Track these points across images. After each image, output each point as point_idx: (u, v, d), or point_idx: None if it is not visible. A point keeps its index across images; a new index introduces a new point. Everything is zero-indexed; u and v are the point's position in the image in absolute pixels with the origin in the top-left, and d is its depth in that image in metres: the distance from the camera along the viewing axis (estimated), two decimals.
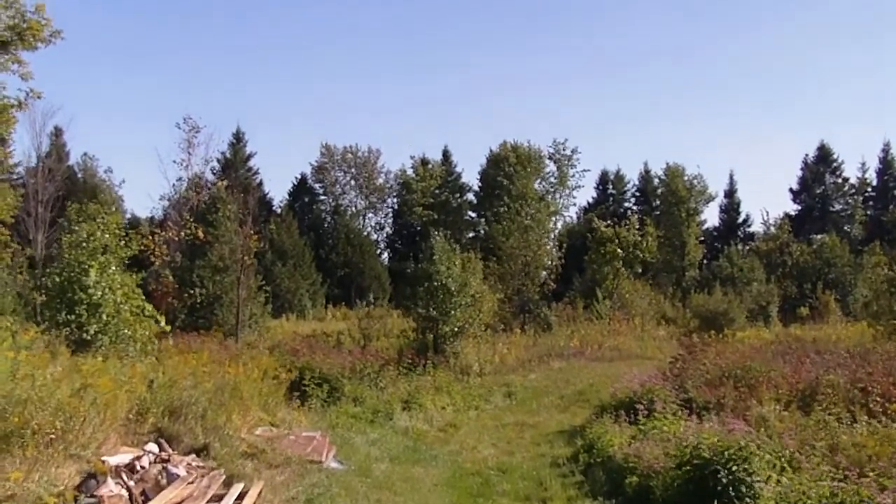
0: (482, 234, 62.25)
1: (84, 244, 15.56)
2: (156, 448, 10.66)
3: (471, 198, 67.22)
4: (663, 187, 61.67)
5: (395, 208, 69.42)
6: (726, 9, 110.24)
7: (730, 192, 67.45)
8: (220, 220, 32.55)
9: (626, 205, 69.72)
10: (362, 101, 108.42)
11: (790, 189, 66.99)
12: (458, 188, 67.57)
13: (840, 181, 65.69)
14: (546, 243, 44.96)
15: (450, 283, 25.07)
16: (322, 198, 69.18)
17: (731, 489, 9.45)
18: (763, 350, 22.24)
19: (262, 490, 10.35)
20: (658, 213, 61.16)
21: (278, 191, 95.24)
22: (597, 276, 43.43)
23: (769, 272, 48.90)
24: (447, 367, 23.84)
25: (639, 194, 69.94)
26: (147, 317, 16.14)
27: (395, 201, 69.26)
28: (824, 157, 65.83)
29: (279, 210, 62.11)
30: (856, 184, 65.32)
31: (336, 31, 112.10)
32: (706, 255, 60.33)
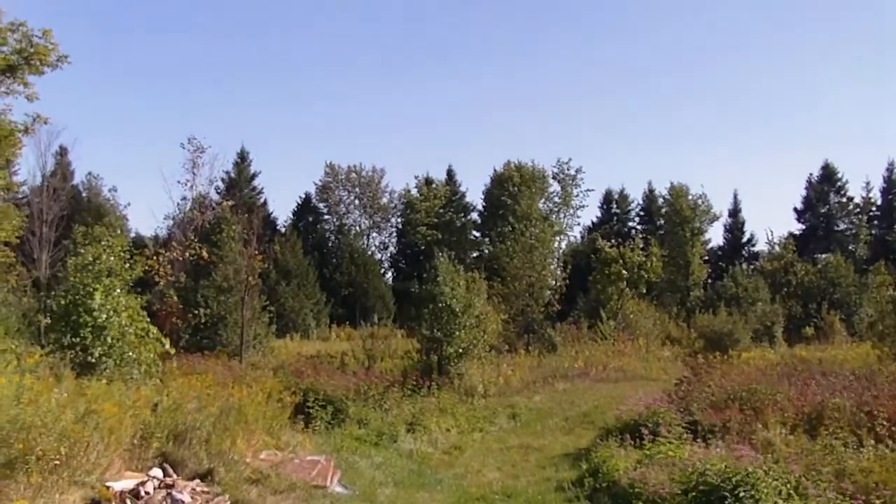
0: (486, 253, 62.25)
1: (89, 267, 15.58)
2: (160, 473, 10.64)
3: (475, 217, 67.22)
4: (667, 207, 61.67)
5: (400, 228, 69.43)
6: (731, 28, 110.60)
7: (734, 212, 67.44)
8: (225, 241, 32.63)
9: (631, 224, 69.68)
10: (367, 120, 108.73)
11: (794, 208, 67.01)
12: (463, 208, 67.59)
13: (844, 200, 65.52)
14: (550, 263, 44.95)
15: (454, 304, 25.05)
16: (326, 217, 69.25)
17: None
18: (768, 372, 22.13)
19: None
20: (662, 232, 61.14)
21: (282, 210, 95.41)
22: (601, 297, 43.34)
23: (774, 292, 48.75)
24: (451, 388, 23.78)
25: (643, 214, 69.95)
26: (152, 339, 16.12)
27: (399, 221, 69.27)
28: (828, 177, 65.75)
29: (283, 229, 62.13)
30: (860, 203, 65.21)
31: (340, 51, 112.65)
32: (710, 275, 60.19)
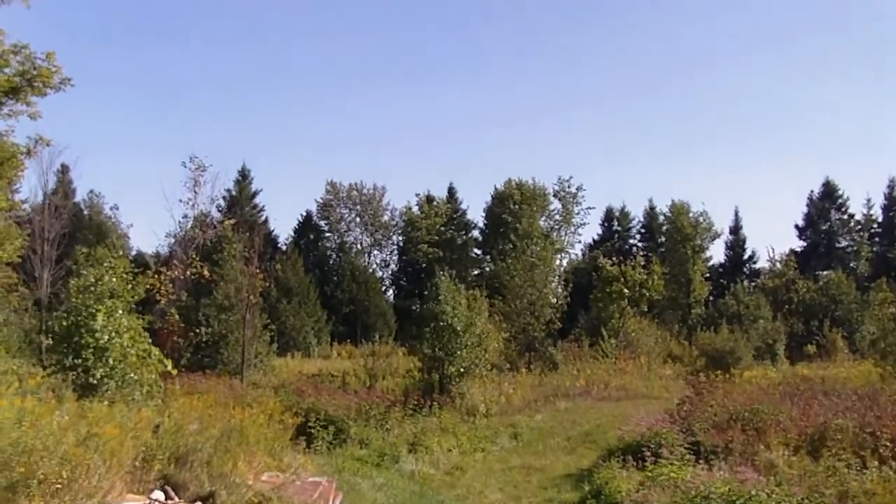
0: (487, 271, 62.28)
1: (92, 288, 15.59)
2: (162, 496, 10.62)
3: (476, 235, 67.25)
4: (668, 224, 61.68)
5: (401, 245, 69.45)
6: (732, 45, 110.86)
7: (735, 229, 67.41)
8: (226, 259, 32.63)
9: (632, 242, 69.70)
10: (368, 138, 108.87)
11: (796, 225, 67.00)
12: (464, 225, 67.59)
13: (845, 217, 65.51)
14: (552, 281, 44.96)
15: (456, 323, 25.06)
16: (327, 235, 69.24)
17: None
18: (770, 391, 22.08)
19: None
20: (663, 250, 61.16)
21: (284, 228, 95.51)
22: (602, 315, 43.31)
23: (775, 309, 48.68)
24: (453, 407, 23.78)
25: (644, 231, 69.93)
26: (154, 361, 16.10)
27: (401, 238, 69.32)
28: (829, 194, 65.78)
29: (284, 247, 62.12)
30: (861, 220, 65.21)
31: (341, 69, 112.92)
32: (712, 292, 60.11)
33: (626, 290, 43.20)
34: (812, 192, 66.56)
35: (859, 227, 65.13)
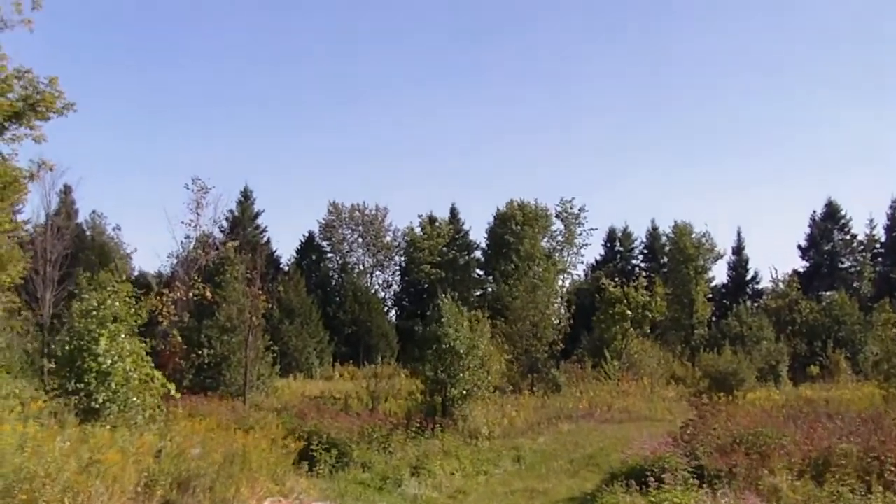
0: (490, 292, 62.25)
1: (94, 312, 15.59)
2: None
3: (478, 255, 67.21)
4: (671, 245, 61.70)
5: (403, 266, 69.44)
6: (734, 65, 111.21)
7: (738, 249, 67.45)
8: (228, 281, 32.61)
9: (634, 262, 69.78)
10: (370, 159, 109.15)
11: (798, 245, 67.06)
12: (466, 246, 67.60)
13: (848, 238, 65.56)
14: (554, 302, 44.87)
15: (458, 346, 24.96)
16: (329, 255, 69.37)
17: None
18: (774, 414, 22.01)
19: None
20: (666, 270, 61.14)
21: (286, 249, 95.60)
22: (605, 336, 43.22)
23: (778, 330, 48.61)
24: (456, 430, 23.63)
25: (646, 252, 69.97)
26: (156, 385, 16.07)
27: (403, 259, 69.31)
28: (832, 214, 65.82)
29: (287, 268, 62.13)
30: (864, 240, 65.19)
31: (343, 90, 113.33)
32: (715, 313, 60.06)
33: (628, 312, 43.08)
34: (815, 212, 66.79)
35: (862, 247, 65.14)
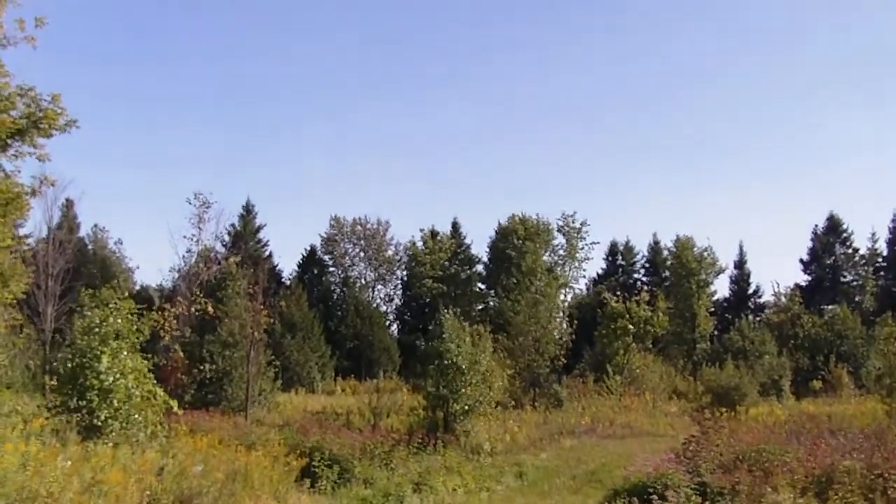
0: (492, 305, 62.19)
1: (96, 329, 15.58)
2: None
3: (480, 269, 67.11)
4: (673, 259, 61.64)
5: (405, 280, 69.39)
6: (734, 78, 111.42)
7: (740, 263, 67.21)
8: (230, 296, 32.62)
9: (636, 276, 69.67)
10: (372, 172, 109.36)
11: (800, 259, 66.85)
12: (468, 260, 67.49)
13: (850, 251, 65.38)
14: (556, 317, 44.79)
15: (460, 362, 24.95)
16: (331, 269, 69.24)
17: None
18: (777, 429, 22.02)
19: None
20: (668, 284, 61.05)
21: (288, 263, 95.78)
22: (607, 351, 43.10)
23: (781, 344, 48.49)
24: (458, 445, 23.60)
25: (648, 266, 69.82)
26: (158, 402, 16.06)
27: (405, 273, 69.26)
28: (834, 228, 65.65)
29: (288, 282, 62.09)
30: (866, 254, 65.06)
31: (345, 103, 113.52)
32: (717, 327, 59.93)
33: (630, 327, 42.97)
34: (816, 226, 66.57)
35: (864, 261, 64.94)
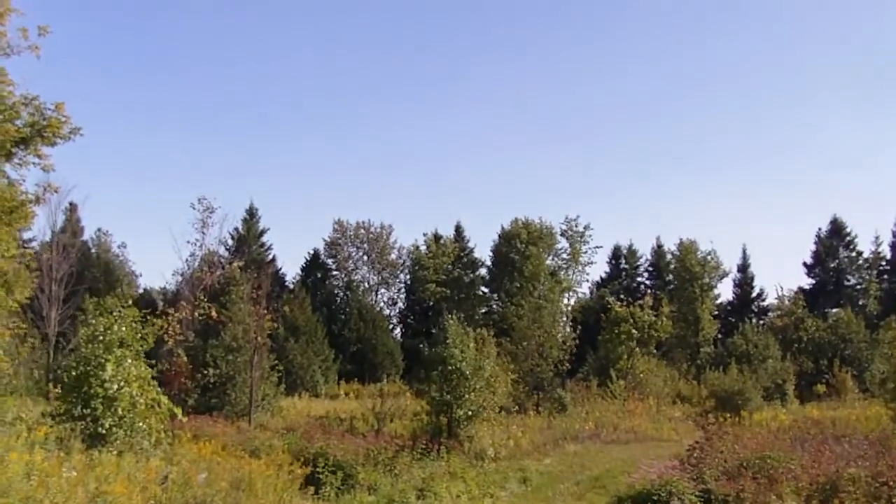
0: (495, 309, 62.17)
1: (101, 338, 15.59)
2: None
3: (483, 273, 67.02)
4: (676, 263, 61.61)
5: (408, 284, 69.40)
6: (737, 83, 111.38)
7: (743, 267, 67.03)
8: (234, 301, 32.63)
9: (639, 280, 69.54)
10: (375, 176, 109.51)
11: (804, 263, 66.75)
12: (471, 264, 67.37)
13: (854, 255, 65.22)
14: (559, 321, 44.73)
15: (464, 367, 24.93)
16: (335, 273, 69.23)
17: None
18: (781, 435, 22.00)
19: None
20: (671, 287, 61.03)
21: (291, 266, 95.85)
22: (611, 356, 43.04)
23: (784, 348, 48.41)
24: (461, 451, 23.57)
25: (651, 269, 69.63)
26: (162, 410, 16.05)
27: (408, 277, 69.26)
28: (837, 231, 65.52)
29: (292, 286, 62.10)
30: (870, 258, 64.93)
31: (348, 105, 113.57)
32: (720, 330, 59.84)
33: (634, 331, 42.92)
34: (820, 229, 66.52)
35: (868, 264, 64.81)
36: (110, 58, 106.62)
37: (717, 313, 60.57)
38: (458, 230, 69.46)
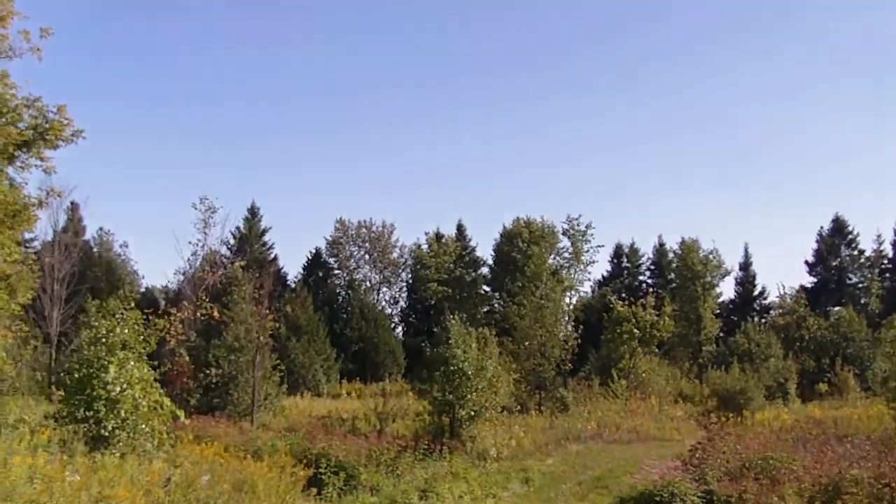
0: (497, 307, 62.13)
1: (103, 340, 15.59)
2: None
3: (485, 271, 67.07)
4: (678, 262, 61.55)
5: (410, 282, 69.39)
6: (737, 79, 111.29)
7: (745, 265, 66.97)
8: (236, 301, 32.63)
9: (641, 278, 69.44)
10: (377, 175, 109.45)
11: (805, 261, 66.70)
12: (473, 262, 67.35)
13: (856, 253, 65.13)
14: (561, 320, 44.66)
15: (466, 368, 24.90)
16: (336, 272, 69.20)
17: None
18: (783, 435, 21.98)
19: None
20: (674, 286, 60.97)
21: (293, 265, 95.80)
22: (613, 355, 42.96)
23: (786, 347, 48.34)
24: (464, 451, 23.55)
25: (653, 268, 69.59)
26: (165, 412, 16.05)
27: (410, 276, 69.24)
28: (839, 229, 65.42)
29: (294, 285, 62.07)
30: (871, 256, 64.86)
31: (349, 105, 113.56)
32: (722, 328, 59.76)
33: (636, 331, 42.86)
34: (822, 227, 66.48)
35: (869, 263, 64.74)
36: (112, 56, 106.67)
37: (718, 312, 60.52)
38: (460, 229, 69.51)
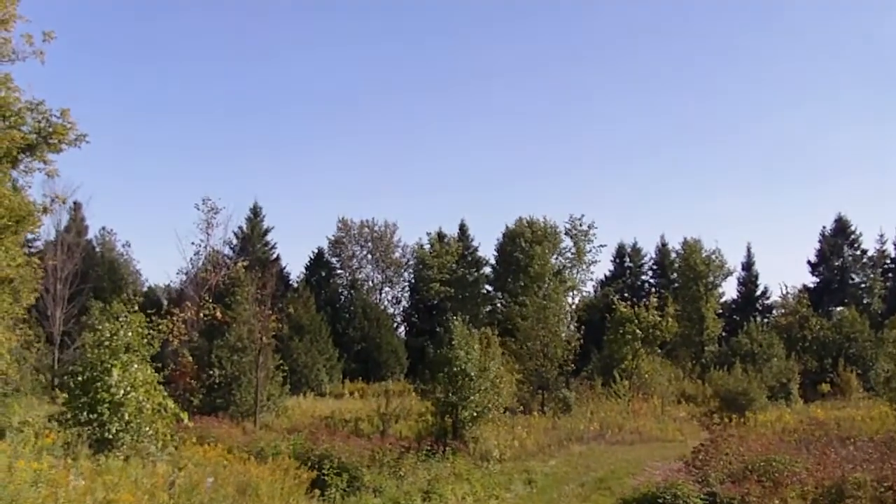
0: (499, 307, 62.09)
1: (107, 343, 15.61)
2: None
3: (488, 272, 67.07)
4: (681, 262, 61.47)
5: (412, 282, 69.39)
6: (740, 80, 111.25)
7: (748, 265, 66.88)
8: (239, 301, 32.63)
9: (644, 279, 69.38)
10: (379, 175, 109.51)
11: (808, 261, 66.59)
12: (475, 262, 67.36)
13: (858, 253, 65.05)
14: (564, 320, 44.59)
15: (469, 369, 24.90)
16: (339, 272, 69.20)
17: None
18: (786, 437, 21.98)
19: None
20: (676, 286, 60.88)
21: (295, 265, 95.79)
22: (615, 356, 42.89)
23: (789, 347, 48.24)
24: (466, 452, 23.56)
25: (656, 268, 69.54)
26: (168, 414, 16.07)
27: (412, 276, 69.23)
28: (842, 229, 65.32)
29: (296, 285, 62.02)
30: (874, 256, 64.77)
31: (352, 105, 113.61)
32: (725, 328, 59.68)
33: (639, 332, 42.79)
34: (824, 227, 66.36)
35: (872, 263, 64.68)
36: (114, 56, 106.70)
37: (721, 312, 60.44)
38: (463, 229, 69.46)
